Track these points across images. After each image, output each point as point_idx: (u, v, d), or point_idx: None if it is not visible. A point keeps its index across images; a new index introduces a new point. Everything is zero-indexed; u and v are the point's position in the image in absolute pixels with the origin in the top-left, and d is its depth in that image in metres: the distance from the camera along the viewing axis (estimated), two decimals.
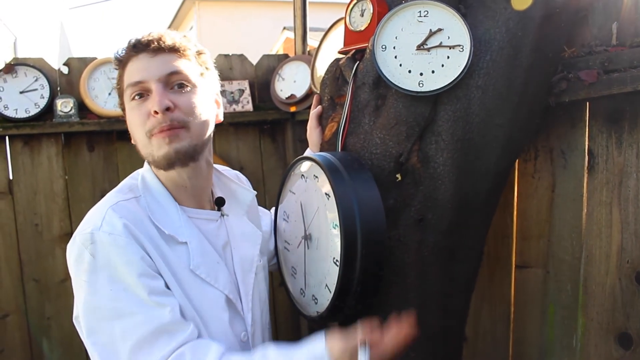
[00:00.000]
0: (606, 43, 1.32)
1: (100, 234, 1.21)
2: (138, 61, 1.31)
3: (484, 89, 1.28)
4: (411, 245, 1.36)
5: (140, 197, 1.35)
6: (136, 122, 1.31)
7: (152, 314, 1.20)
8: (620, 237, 1.32)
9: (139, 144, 1.34)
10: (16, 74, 2.52)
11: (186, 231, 1.34)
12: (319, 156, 1.35)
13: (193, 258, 1.32)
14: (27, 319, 2.66)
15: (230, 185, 1.56)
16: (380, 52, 1.33)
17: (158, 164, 1.32)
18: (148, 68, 1.30)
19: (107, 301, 1.20)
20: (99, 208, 1.30)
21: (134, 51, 1.31)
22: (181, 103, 1.31)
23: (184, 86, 1.33)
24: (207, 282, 1.34)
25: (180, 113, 1.30)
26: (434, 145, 1.32)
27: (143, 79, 1.29)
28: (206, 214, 1.44)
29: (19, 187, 2.60)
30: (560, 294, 1.49)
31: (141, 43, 1.31)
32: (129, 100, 1.32)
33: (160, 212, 1.34)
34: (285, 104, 2.83)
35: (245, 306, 1.44)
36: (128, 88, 1.31)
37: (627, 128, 1.29)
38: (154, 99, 1.27)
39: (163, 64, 1.31)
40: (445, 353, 1.50)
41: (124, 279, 1.20)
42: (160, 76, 1.29)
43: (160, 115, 1.26)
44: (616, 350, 1.35)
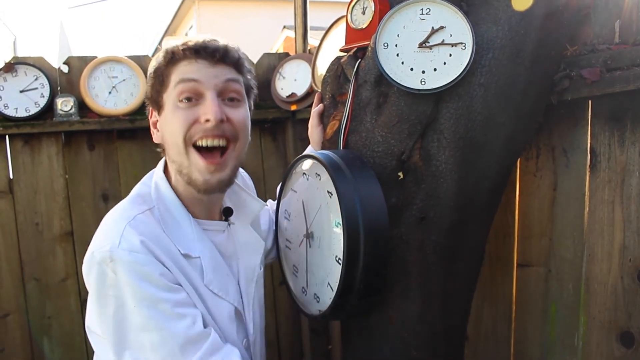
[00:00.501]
0: (609, 41, 1.31)
1: (120, 252, 1.20)
2: (196, 65, 1.27)
3: (486, 87, 1.28)
4: (413, 244, 1.36)
5: (154, 207, 1.32)
6: (177, 126, 1.27)
7: (177, 328, 1.20)
8: (622, 235, 1.32)
9: (174, 149, 1.30)
10: (16, 73, 2.52)
11: (199, 245, 1.34)
12: (321, 154, 1.34)
13: (206, 274, 1.33)
14: (28, 318, 2.65)
15: (241, 194, 1.54)
16: (382, 50, 1.33)
17: (193, 185, 1.30)
18: (206, 73, 1.26)
19: (134, 317, 1.20)
20: (116, 223, 1.27)
21: (195, 55, 1.27)
22: (234, 117, 1.29)
23: (235, 100, 1.31)
24: (219, 296, 1.35)
25: (231, 127, 1.28)
26: (436, 144, 1.32)
27: (200, 79, 1.25)
28: (216, 225, 1.43)
29: (20, 186, 2.60)
30: (562, 293, 1.49)
31: (205, 50, 1.27)
32: (175, 98, 1.27)
33: (173, 226, 1.32)
34: (286, 102, 2.83)
35: (248, 315, 1.45)
36: (180, 83, 1.26)
37: (630, 126, 1.29)
38: (208, 107, 1.24)
39: (222, 74, 1.28)
40: (447, 352, 1.50)
41: (146, 295, 1.20)
42: (218, 83, 1.27)
43: (213, 122, 1.24)
44: (618, 349, 1.34)
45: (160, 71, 1.31)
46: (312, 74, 2.46)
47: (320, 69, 2.40)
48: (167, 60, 1.29)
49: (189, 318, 1.22)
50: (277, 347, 3.03)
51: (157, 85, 1.32)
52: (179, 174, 1.33)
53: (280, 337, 3.04)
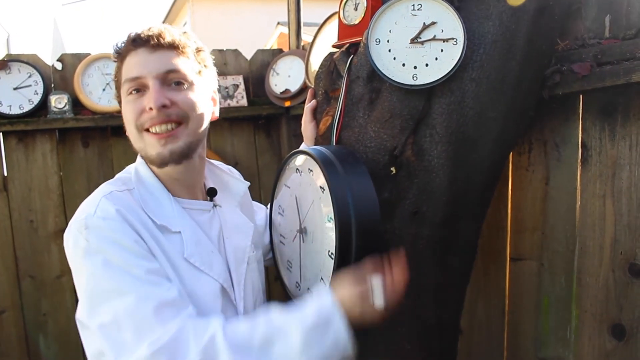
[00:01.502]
0: (599, 36, 1.32)
1: (94, 219, 1.22)
2: (137, 56, 1.31)
3: (478, 82, 1.28)
4: (406, 238, 1.37)
5: (133, 189, 1.35)
6: (129, 117, 1.32)
7: (152, 291, 1.19)
8: (613, 229, 1.33)
9: (131, 137, 1.36)
10: (10, 70, 2.51)
11: (179, 221, 1.35)
12: (314, 150, 1.35)
13: (187, 247, 1.33)
14: (23, 315, 2.66)
15: (222, 176, 1.57)
16: (374, 45, 1.33)
17: (151, 161, 1.34)
18: (146, 64, 1.30)
19: (105, 283, 1.19)
20: (93, 197, 1.31)
21: (133, 45, 1.31)
22: (179, 100, 1.32)
23: (181, 84, 1.33)
24: (201, 270, 1.34)
25: (177, 109, 1.31)
26: (428, 138, 1.32)
27: (140, 74, 1.30)
28: (199, 204, 1.44)
29: (14, 183, 2.60)
30: (554, 286, 1.50)
31: (141, 38, 1.31)
32: (125, 94, 1.33)
33: (153, 204, 1.35)
34: (280, 98, 2.83)
35: (238, 295, 1.44)
36: (125, 83, 1.32)
37: (620, 120, 1.30)
38: (150, 95, 1.28)
39: (161, 60, 1.31)
40: (441, 345, 1.51)
41: (119, 261, 1.20)
42: (158, 73, 1.30)
43: (155, 111, 1.27)
44: (609, 341, 1.35)
45: (115, 70, 1.38)
46: (306, 70, 2.47)
47: (313, 65, 2.40)
48: (117, 59, 1.36)
49: (166, 285, 1.22)
50: None
51: (116, 83, 1.38)
52: (140, 157, 1.39)
53: None
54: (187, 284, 1.32)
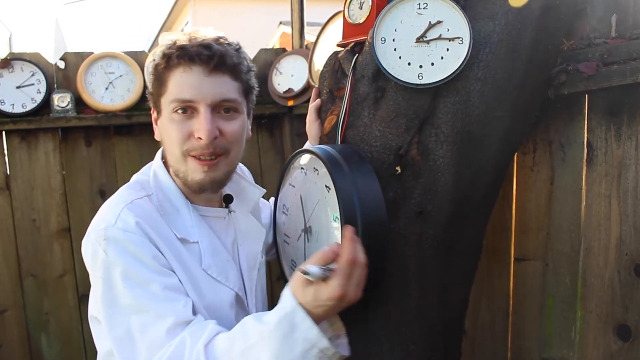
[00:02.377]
0: (605, 35, 1.32)
1: (114, 230, 1.21)
2: (191, 75, 1.26)
3: (484, 82, 1.28)
4: (411, 238, 1.36)
5: (152, 195, 1.34)
6: (174, 136, 1.29)
7: (167, 309, 1.19)
8: (619, 229, 1.33)
9: (172, 157, 1.33)
10: (12, 69, 2.51)
11: (197, 230, 1.35)
12: (319, 149, 1.34)
13: (204, 258, 1.33)
14: (25, 314, 2.66)
15: (240, 182, 1.56)
16: (379, 44, 1.33)
17: (190, 185, 1.33)
18: (201, 88, 1.26)
19: (122, 297, 1.20)
20: (114, 205, 1.28)
21: (189, 62, 1.26)
22: (227, 131, 1.30)
23: (231, 112, 1.32)
24: (218, 281, 1.35)
25: (224, 141, 1.30)
26: (434, 138, 1.32)
27: (194, 99, 1.26)
28: (215, 212, 1.44)
29: (16, 182, 2.60)
30: (559, 287, 1.50)
31: (200, 56, 1.25)
32: (170, 110, 1.29)
33: (171, 211, 1.34)
34: (283, 98, 2.83)
35: (250, 302, 1.46)
36: (174, 102, 1.28)
37: (626, 120, 1.29)
38: (201, 125, 1.25)
39: (217, 86, 1.28)
40: (444, 346, 1.50)
41: (137, 275, 1.20)
42: (213, 101, 1.27)
43: (206, 142, 1.25)
44: (615, 342, 1.35)
45: (158, 72, 1.32)
46: (309, 70, 2.46)
47: (317, 65, 2.40)
48: (164, 64, 1.30)
49: (181, 302, 1.22)
50: None
51: (157, 86, 1.33)
52: (176, 176, 1.36)
53: None
54: (205, 294, 1.32)
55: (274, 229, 1.68)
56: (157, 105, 1.35)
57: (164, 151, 1.39)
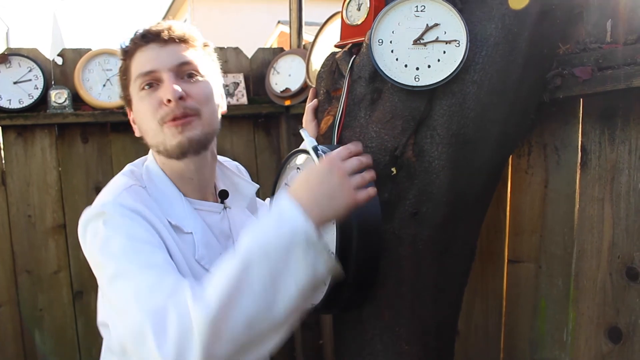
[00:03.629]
0: (600, 40, 1.33)
1: (111, 205, 1.23)
2: (148, 51, 1.31)
3: (480, 84, 1.29)
4: (405, 239, 1.37)
5: (146, 187, 1.35)
6: (146, 112, 1.31)
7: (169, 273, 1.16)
8: (611, 232, 1.34)
9: (150, 133, 1.34)
10: (10, 64, 2.51)
11: (191, 222, 1.36)
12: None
13: (198, 249, 1.34)
14: (20, 310, 2.65)
15: (233, 178, 1.58)
16: (376, 46, 1.33)
17: (171, 153, 1.33)
18: (158, 57, 1.30)
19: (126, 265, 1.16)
20: (113, 188, 1.31)
21: (144, 41, 1.31)
22: (193, 92, 1.32)
23: (193, 76, 1.34)
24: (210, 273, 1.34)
25: (192, 101, 1.31)
26: (429, 140, 1.33)
27: (154, 68, 1.30)
28: (210, 206, 1.45)
29: (12, 178, 2.60)
30: (551, 289, 1.51)
31: (151, 33, 1.31)
32: (138, 90, 1.33)
33: (165, 204, 1.35)
34: (280, 97, 2.83)
35: None
36: (138, 78, 1.31)
37: (620, 125, 1.30)
38: (166, 88, 1.28)
39: (174, 53, 1.32)
40: (438, 346, 1.51)
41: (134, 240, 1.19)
42: (172, 65, 1.30)
43: (174, 103, 1.27)
44: (606, 344, 1.36)
45: (122, 68, 1.37)
46: (307, 70, 2.47)
47: (314, 65, 2.40)
48: (125, 56, 1.35)
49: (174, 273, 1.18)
50: None
51: (123, 82, 1.38)
52: (160, 154, 1.37)
53: None
54: None
55: None
56: (128, 99, 1.39)
57: (146, 141, 1.40)
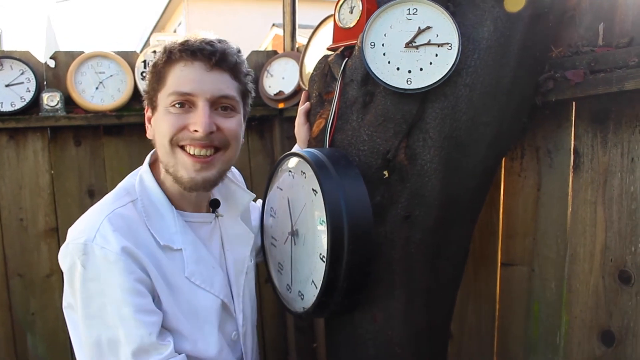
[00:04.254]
0: (593, 43, 1.33)
1: (93, 246, 1.21)
2: (192, 70, 1.26)
3: (472, 87, 1.29)
4: (398, 242, 1.37)
5: (137, 200, 1.32)
6: (165, 129, 1.28)
7: (135, 333, 1.21)
8: (604, 235, 1.34)
9: (161, 149, 1.31)
10: (1, 67, 2.49)
11: (181, 237, 1.34)
12: (307, 152, 1.35)
13: (188, 266, 1.33)
14: (12, 314, 2.63)
15: (230, 186, 1.54)
16: (368, 49, 1.33)
17: (178, 182, 1.31)
18: (201, 82, 1.26)
19: (96, 311, 1.22)
20: (95, 215, 1.28)
21: (191, 57, 1.26)
22: (225, 127, 1.29)
23: (228, 109, 1.31)
24: (202, 288, 1.35)
25: (222, 136, 1.29)
26: (421, 143, 1.33)
27: (194, 92, 1.25)
28: (201, 217, 1.43)
29: (4, 181, 2.58)
30: (544, 292, 1.51)
31: (203, 52, 1.26)
32: (168, 104, 1.28)
33: (156, 217, 1.33)
34: (274, 100, 2.83)
35: (237, 307, 1.45)
36: (173, 94, 1.26)
37: (612, 128, 1.30)
38: (199, 117, 1.25)
39: (218, 83, 1.28)
40: (431, 349, 1.51)
41: (112, 293, 1.21)
42: (212, 96, 1.27)
43: (201, 134, 1.24)
44: (598, 348, 1.36)
45: (157, 68, 1.31)
46: (300, 72, 2.46)
47: (308, 67, 2.40)
48: (165, 59, 1.29)
49: (147, 327, 1.22)
50: (262, 345, 3.03)
51: (154, 83, 1.32)
52: (167, 172, 1.34)
53: (265, 335, 3.04)
54: (188, 300, 1.32)
55: (262, 232, 1.68)
56: (152, 102, 1.34)
57: (156, 149, 1.38)
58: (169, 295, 1.29)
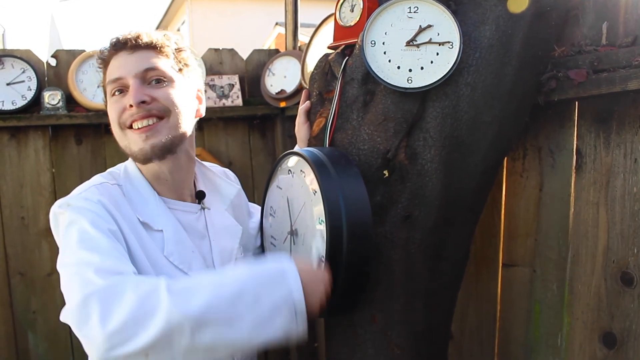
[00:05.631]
0: (596, 43, 1.32)
1: (77, 198, 1.31)
2: (118, 59, 1.38)
3: (473, 86, 1.28)
4: (398, 242, 1.36)
5: (122, 185, 1.41)
6: (112, 116, 1.38)
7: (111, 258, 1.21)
8: (606, 237, 1.33)
9: (117, 137, 1.41)
10: (3, 66, 2.50)
11: (163, 219, 1.40)
12: (306, 151, 1.34)
13: (167, 245, 1.37)
14: (13, 312, 2.64)
15: (214, 179, 1.61)
16: (369, 47, 1.32)
17: (135, 157, 1.40)
18: (126, 65, 1.36)
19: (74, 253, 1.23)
20: (83, 185, 1.37)
21: (114, 49, 1.38)
22: (159, 96, 1.37)
23: (161, 81, 1.39)
24: (180, 269, 1.38)
25: (159, 104, 1.36)
26: (422, 142, 1.32)
27: (121, 75, 1.36)
28: (185, 206, 1.48)
29: (5, 180, 2.58)
30: (546, 293, 1.50)
31: (120, 42, 1.38)
32: (109, 96, 1.39)
33: (139, 201, 1.40)
34: (275, 99, 2.82)
35: None
36: (108, 85, 1.38)
37: (615, 128, 1.29)
38: (129, 93, 1.34)
39: (140, 60, 1.37)
40: (431, 351, 1.50)
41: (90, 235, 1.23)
42: (137, 72, 1.35)
43: (135, 108, 1.32)
44: (600, 350, 1.35)
45: (102, 78, 1.43)
46: (302, 71, 2.45)
47: (309, 66, 2.39)
48: (100, 62, 1.42)
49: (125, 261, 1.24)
50: None
51: (104, 90, 1.43)
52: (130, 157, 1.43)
53: None
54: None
55: (261, 231, 1.67)
56: (105, 101, 1.44)
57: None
58: (151, 269, 1.32)
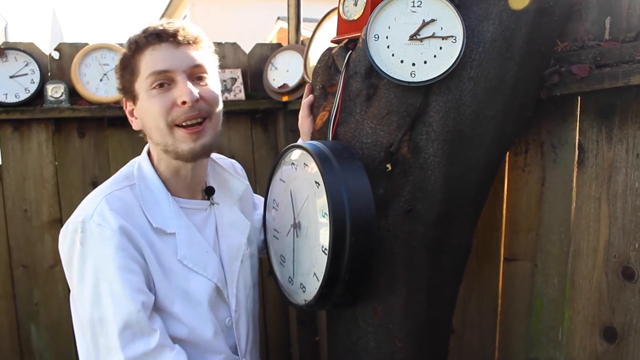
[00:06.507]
0: (599, 38, 1.32)
1: (90, 224, 1.28)
2: (162, 50, 1.32)
3: (476, 81, 1.28)
4: (400, 236, 1.36)
5: (134, 185, 1.39)
6: (156, 111, 1.33)
7: (123, 309, 1.25)
8: (608, 231, 1.33)
9: (156, 132, 1.36)
10: (6, 59, 2.50)
11: (175, 222, 1.39)
12: (310, 144, 1.34)
13: (180, 249, 1.38)
14: (15, 304, 2.64)
15: (223, 174, 1.60)
16: (372, 41, 1.32)
17: (181, 156, 1.37)
18: (173, 58, 1.32)
19: (90, 289, 1.27)
20: (93, 197, 1.35)
21: (157, 40, 1.32)
22: (205, 94, 1.35)
23: (204, 78, 1.37)
24: (195, 271, 1.39)
25: (205, 104, 1.35)
26: (425, 136, 1.32)
27: (169, 68, 1.31)
28: (196, 204, 1.48)
29: (8, 172, 2.59)
30: (547, 287, 1.50)
31: (166, 32, 1.33)
32: (147, 87, 1.33)
33: (151, 202, 1.38)
34: (278, 93, 2.82)
35: (230, 292, 1.48)
36: (150, 76, 1.32)
37: (618, 123, 1.29)
38: (182, 90, 1.30)
39: (188, 55, 1.34)
40: (432, 344, 1.51)
41: (105, 270, 1.26)
42: (187, 67, 1.33)
43: (188, 106, 1.30)
44: (601, 344, 1.35)
45: (127, 61, 1.37)
46: (304, 65, 2.46)
47: (312, 60, 2.39)
48: (133, 50, 1.35)
49: (137, 304, 1.26)
50: (264, 337, 3.04)
51: (128, 75, 1.38)
52: (164, 153, 1.39)
53: (267, 327, 3.05)
54: (180, 282, 1.37)
55: (264, 224, 1.68)
56: (131, 94, 1.39)
57: (148, 137, 1.43)
58: (162, 278, 1.33)
